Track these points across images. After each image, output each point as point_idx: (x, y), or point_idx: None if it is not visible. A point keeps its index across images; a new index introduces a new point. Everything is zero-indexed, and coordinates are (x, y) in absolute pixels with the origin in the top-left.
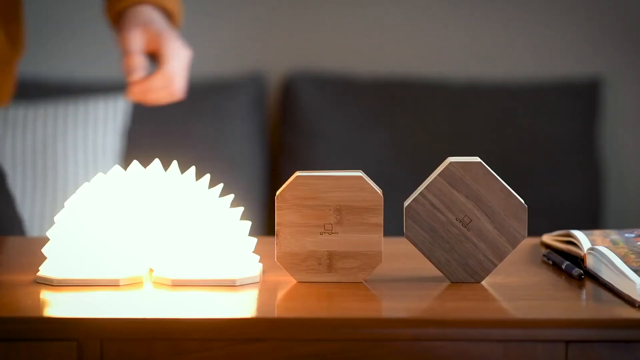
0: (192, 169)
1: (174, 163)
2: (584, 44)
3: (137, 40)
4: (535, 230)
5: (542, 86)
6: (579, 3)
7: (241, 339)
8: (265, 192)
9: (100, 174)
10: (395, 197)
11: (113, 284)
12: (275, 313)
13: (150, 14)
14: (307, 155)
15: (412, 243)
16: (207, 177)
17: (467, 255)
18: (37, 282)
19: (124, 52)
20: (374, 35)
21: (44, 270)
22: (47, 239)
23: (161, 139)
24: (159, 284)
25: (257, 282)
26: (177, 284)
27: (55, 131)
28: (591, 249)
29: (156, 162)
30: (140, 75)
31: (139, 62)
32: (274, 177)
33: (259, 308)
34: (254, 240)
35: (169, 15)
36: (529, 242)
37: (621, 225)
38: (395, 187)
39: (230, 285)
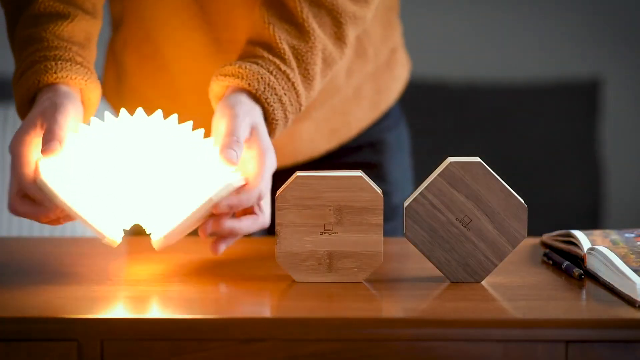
0: (175, 115)
1: (159, 111)
2: (584, 44)
3: (246, 132)
4: (535, 230)
5: (542, 86)
6: (579, 3)
7: (241, 339)
8: None
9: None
10: None
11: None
12: (275, 313)
13: (260, 118)
14: None
15: (412, 243)
16: (190, 123)
17: (467, 255)
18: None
19: (229, 135)
20: None
21: (45, 173)
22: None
23: None
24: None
25: (237, 187)
26: (168, 239)
27: None
28: (591, 249)
29: (139, 111)
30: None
31: (240, 154)
32: None
33: (259, 308)
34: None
35: (269, 125)
36: (529, 242)
37: (621, 225)
38: None
39: (210, 204)
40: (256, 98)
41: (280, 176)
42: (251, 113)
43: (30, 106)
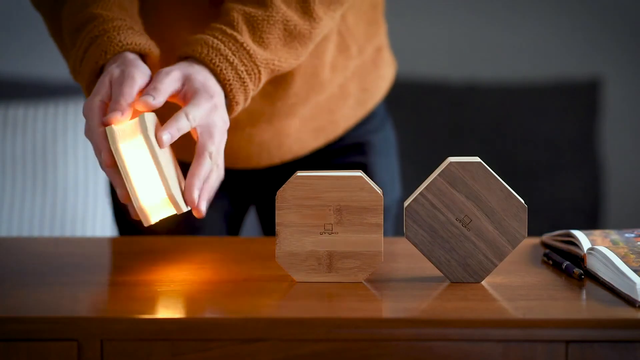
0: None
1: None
2: (584, 44)
3: (171, 85)
4: (535, 230)
5: (542, 86)
6: (578, 3)
7: (241, 339)
8: None
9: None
10: None
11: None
12: (275, 313)
13: (196, 72)
14: None
15: (412, 243)
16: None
17: (467, 255)
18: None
19: (147, 88)
20: None
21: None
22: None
23: None
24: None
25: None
26: (175, 196)
27: (55, 131)
28: (591, 249)
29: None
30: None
31: (159, 99)
32: None
33: (259, 308)
34: None
35: (228, 100)
36: (529, 242)
37: (621, 225)
38: None
39: (151, 141)
40: (200, 61)
41: (269, 173)
42: (182, 68)
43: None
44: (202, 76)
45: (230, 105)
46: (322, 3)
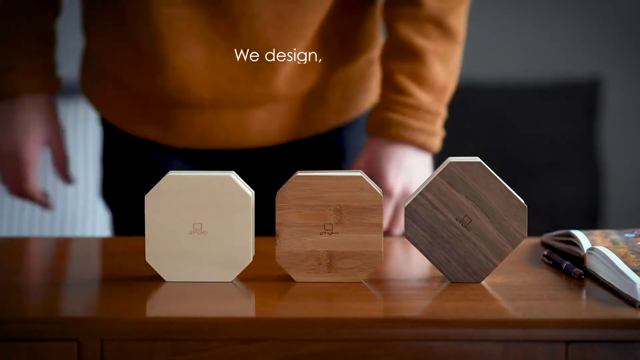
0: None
1: None
2: (584, 44)
3: (396, 189)
4: (535, 230)
5: (542, 86)
6: (578, 3)
7: (241, 339)
8: None
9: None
10: None
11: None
12: (275, 313)
13: (381, 155)
14: None
15: (412, 243)
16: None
17: (467, 255)
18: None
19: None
20: None
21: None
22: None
23: None
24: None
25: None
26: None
27: None
28: (591, 249)
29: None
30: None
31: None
32: None
33: (259, 308)
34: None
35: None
36: (529, 242)
37: (621, 225)
38: None
39: None
40: (394, 141)
41: (253, 154)
42: (368, 153)
43: None
44: (385, 160)
45: (430, 152)
46: (450, 13)
